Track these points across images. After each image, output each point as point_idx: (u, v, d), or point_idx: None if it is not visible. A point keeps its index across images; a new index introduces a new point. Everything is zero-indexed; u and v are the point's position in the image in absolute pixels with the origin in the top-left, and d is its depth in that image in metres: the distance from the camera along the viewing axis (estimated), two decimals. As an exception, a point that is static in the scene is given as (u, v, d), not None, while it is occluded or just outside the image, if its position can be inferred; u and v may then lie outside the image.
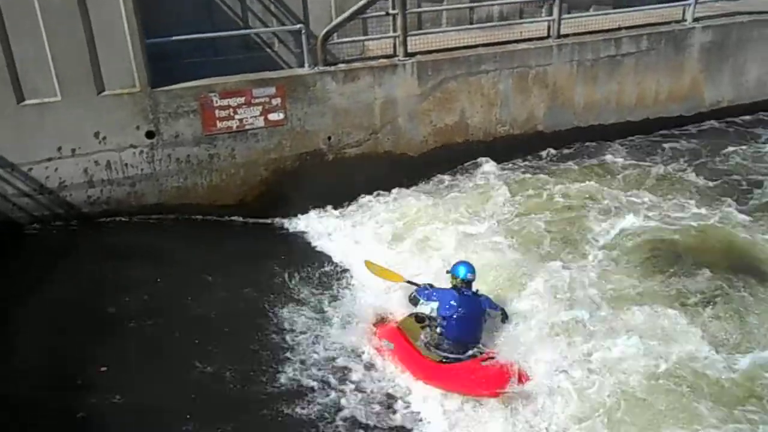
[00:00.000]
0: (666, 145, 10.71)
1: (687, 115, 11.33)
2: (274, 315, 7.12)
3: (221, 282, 7.61)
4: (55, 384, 6.03)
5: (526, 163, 10.20)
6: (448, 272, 6.53)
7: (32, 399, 5.85)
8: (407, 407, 6.14)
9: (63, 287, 7.25)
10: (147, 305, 7.07)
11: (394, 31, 9.32)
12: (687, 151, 10.55)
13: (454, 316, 6.21)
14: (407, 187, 9.53)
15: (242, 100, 8.52)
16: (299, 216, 9.13)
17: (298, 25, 8.94)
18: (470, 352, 6.21)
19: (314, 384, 6.26)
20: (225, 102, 8.47)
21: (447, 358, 6.24)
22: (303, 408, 6.00)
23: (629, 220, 8.25)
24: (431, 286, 6.65)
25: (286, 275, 7.84)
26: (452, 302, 6.24)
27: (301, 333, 6.87)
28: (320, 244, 8.67)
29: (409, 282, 6.98)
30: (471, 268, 6.39)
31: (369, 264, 7.32)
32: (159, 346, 6.57)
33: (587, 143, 10.63)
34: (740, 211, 8.55)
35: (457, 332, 6.25)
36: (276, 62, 9.39)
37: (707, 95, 11.41)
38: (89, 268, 7.62)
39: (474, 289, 6.42)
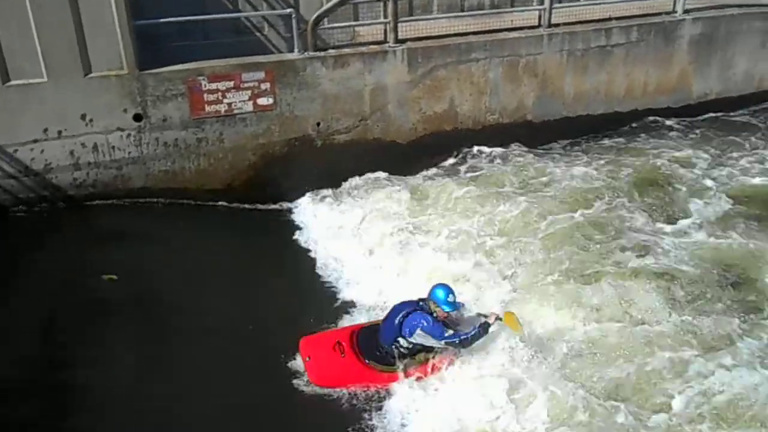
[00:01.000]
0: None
1: (675, 107, 11.38)
2: (259, 299, 7.14)
3: (207, 266, 7.61)
4: (40, 368, 6.03)
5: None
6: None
7: (17, 383, 5.85)
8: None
9: (48, 270, 7.23)
10: (133, 289, 7.06)
11: (385, 17, 9.28)
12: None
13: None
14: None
15: (231, 84, 8.47)
16: (287, 201, 9.11)
17: (289, 10, 8.88)
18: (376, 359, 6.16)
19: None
20: (213, 86, 8.41)
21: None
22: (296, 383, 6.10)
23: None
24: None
25: (273, 260, 7.86)
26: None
27: (289, 317, 6.90)
28: (307, 229, 8.64)
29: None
30: (436, 292, 6.07)
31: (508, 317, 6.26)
32: (144, 330, 6.58)
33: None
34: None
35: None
36: (265, 47, 9.32)
37: (695, 87, 11.46)
38: (75, 251, 7.59)
39: (431, 311, 6.01)
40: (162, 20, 8.21)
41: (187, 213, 8.65)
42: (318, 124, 9.11)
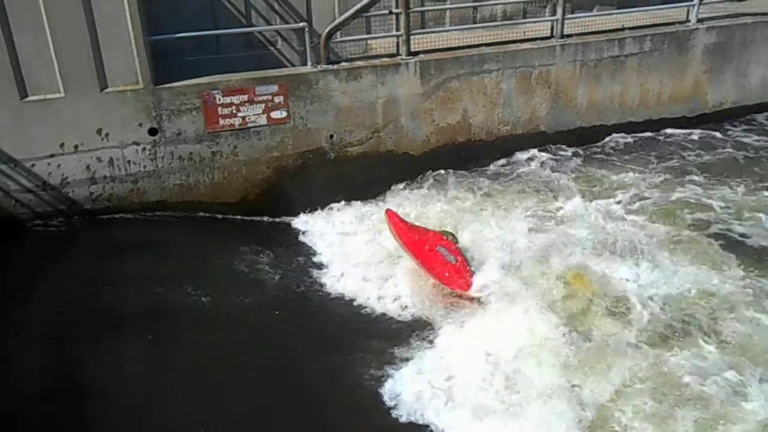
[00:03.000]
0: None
1: (689, 117, 11.32)
2: (275, 313, 7.14)
3: (223, 280, 7.62)
4: (55, 383, 6.04)
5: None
6: None
7: (31, 398, 5.86)
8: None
9: (64, 284, 7.27)
10: (149, 303, 7.07)
11: (397, 29, 9.31)
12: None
13: None
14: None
15: (245, 97, 8.53)
16: (301, 214, 9.10)
17: (302, 24, 8.95)
18: None
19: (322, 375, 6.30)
20: (228, 100, 8.47)
21: None
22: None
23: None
24: None
25: (287, 274, 7.85)
26: None
27: (302, 330, 6.90)
28: (321, 243, 8.63)
29: None
30: None
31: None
32: (161, 344, 6.57)
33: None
34: None
35: None
36: (279, 60, 9.40)
37: (710, 97, 11.39)
38: (91, 264, 7.63)
39: None
40: (177, 36, 8.31)
41: (202, 226, 8.68)
42: (331, 136, 9.14)
